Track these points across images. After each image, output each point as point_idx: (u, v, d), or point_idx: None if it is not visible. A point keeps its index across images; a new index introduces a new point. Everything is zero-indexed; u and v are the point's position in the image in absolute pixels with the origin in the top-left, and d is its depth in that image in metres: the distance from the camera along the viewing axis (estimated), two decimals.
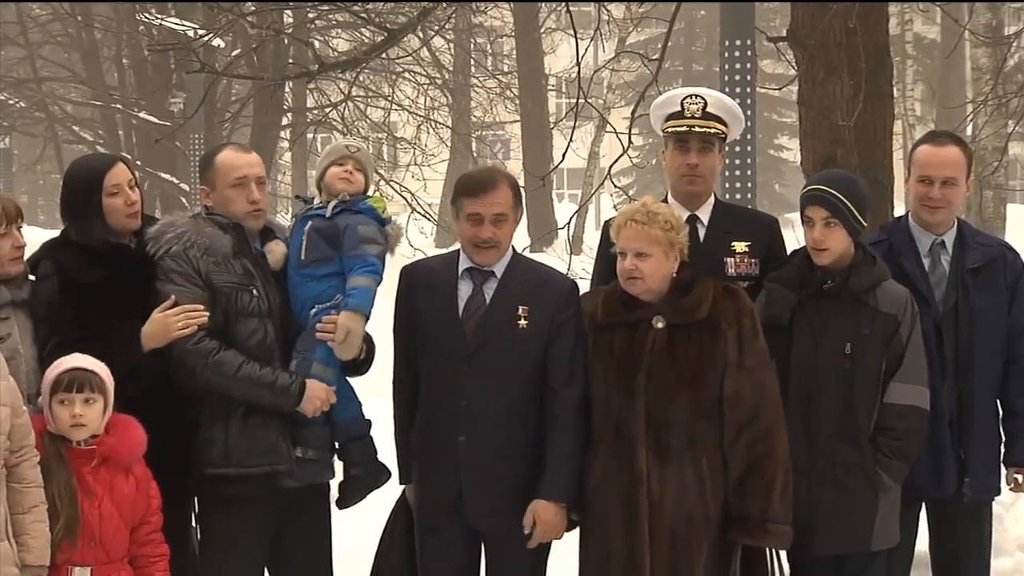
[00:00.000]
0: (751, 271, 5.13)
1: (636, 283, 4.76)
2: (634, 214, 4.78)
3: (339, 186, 4.98)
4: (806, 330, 4.93)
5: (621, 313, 4.80)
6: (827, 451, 4.89)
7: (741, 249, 5.15)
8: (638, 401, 4.67)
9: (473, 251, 4.81)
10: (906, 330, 4.95)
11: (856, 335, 4.91)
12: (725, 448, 4.71)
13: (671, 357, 4.70)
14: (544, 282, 4.83)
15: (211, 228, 4.79)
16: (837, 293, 4.95)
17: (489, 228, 4.76)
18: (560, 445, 4.67)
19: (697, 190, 5.16)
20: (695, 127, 5.14)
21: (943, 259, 5.30)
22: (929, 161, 5.28)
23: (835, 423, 4.90)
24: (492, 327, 4.74)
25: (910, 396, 4.92)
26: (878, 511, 4.95)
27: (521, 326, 4.74)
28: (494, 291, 4.80)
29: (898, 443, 4.92)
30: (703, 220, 5.21)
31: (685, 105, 5.18)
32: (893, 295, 4.99)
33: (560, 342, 4.73)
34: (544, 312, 4.75)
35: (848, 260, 4.99)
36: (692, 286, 4.79)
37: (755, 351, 4.74)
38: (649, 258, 4.75)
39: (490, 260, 4.81)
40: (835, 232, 4.94)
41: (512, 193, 4.81)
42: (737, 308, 4.76)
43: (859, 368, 4.90)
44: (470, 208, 4.77)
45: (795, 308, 4.94)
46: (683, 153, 5.16)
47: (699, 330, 4.73)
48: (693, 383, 4.69)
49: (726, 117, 5.19)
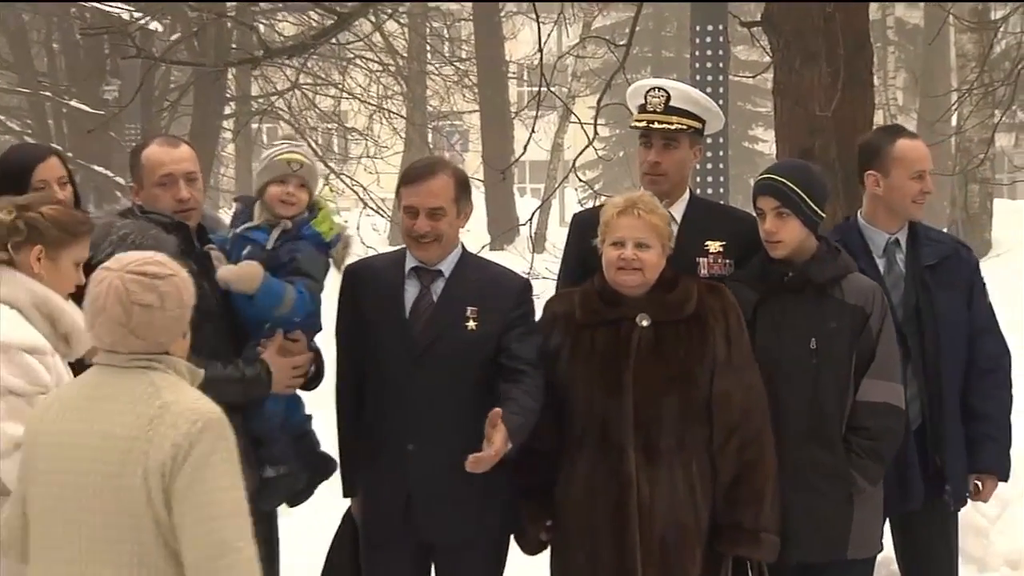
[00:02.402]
0: (725, 272, 5.16)
1: (634, 275, 4.78)
2: (637, 202, 4.82)
3: (280, 211, 4.97)
4: (769, 326, 4.96)
5: (602, 311, 4.82)
6: (796, 453, 4.92)
7: (715, 249, 5.18)
8: (626, 400, 4.69)
9: (412, 246, 4.82)
10: (876, 323, 4.99)
11: (822, 329, 4.94)
12: (714, 452, 4.75)
13: (658, 355, 4.73)
14: (494, 281, 4.85)
15: (155, 229, 4.76)
16: (799, 286, 4.98)
17: (425, 222, 4.77)
18: (522, 397, 4.61)
19: (660, 189, 5.18)
20: (655, 123, 5.15)
21: (898, 258, 5.36)
22: (920, 155, 5.35)
23: (804, 423, 4.93)
24: (439, 329, 4.75)
25: (884, 393, 4.96)
26: (854, 516, 4.97)
27: (470, 327, 4.76)
28: (441, 291, 4.81)
29: (872, 443, 4.95)
30: (676, 218, 5.23)
31: (648, 99, 5.21)
32: (860, 287, 5.03)
33: (514, 334, 4.74)
34: (494, 313, 4.77)
35: (809, 253, 5.02)
36: (675, 283, 4.83)
37: (742, 350, 4.80)
38: (650, 249, 4.78)
39: (431, 257, 4.82)
40: (788, 223, 4.97)
41: (454, 184, 4.80)
42: (723, 304, 4.81)
43: (826, 364, 4.93)
44: (406, 199, 4.80)
45: (757, 305, 4.97)
46: (646, 149, 5.20)
47: (686, 327, 4.77)
48: (683, 382, 4.72)
49: (695, 110, 5.21)
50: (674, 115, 5.19)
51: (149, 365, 3.61)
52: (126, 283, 3.58)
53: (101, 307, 3.58)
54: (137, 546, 3.52)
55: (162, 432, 3.50)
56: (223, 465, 3.52)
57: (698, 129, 5.25)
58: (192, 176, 4.93)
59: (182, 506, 3.48)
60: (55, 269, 4.22)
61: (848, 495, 4.96)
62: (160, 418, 3.52)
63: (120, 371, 3.61)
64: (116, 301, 3.57)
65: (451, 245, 4.85)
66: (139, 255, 3.69)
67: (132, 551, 3.52)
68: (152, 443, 3.50)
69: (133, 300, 3.56)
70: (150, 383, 3.58)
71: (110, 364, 3.63)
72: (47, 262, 4.21)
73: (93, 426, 3.58)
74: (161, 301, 3.59)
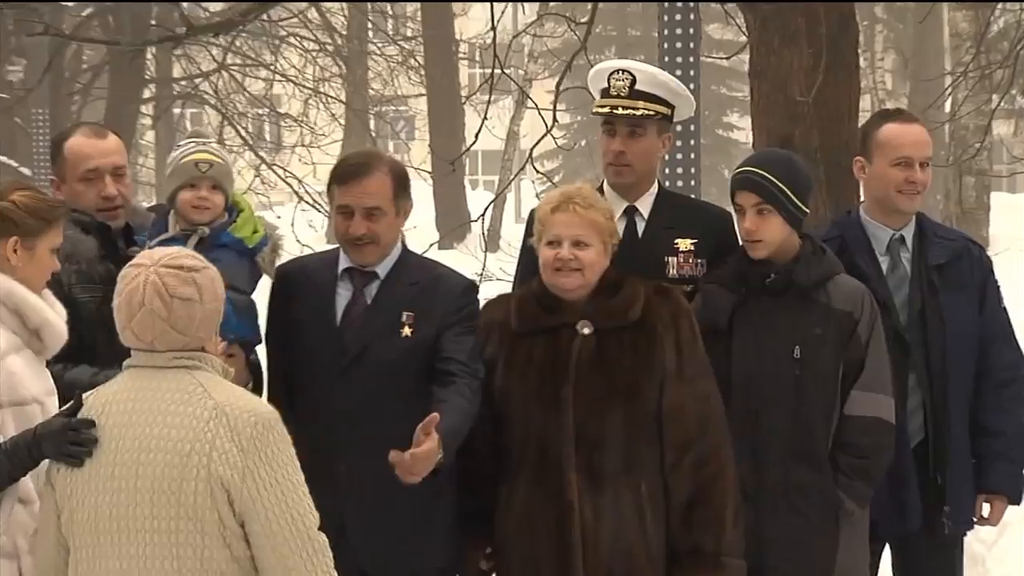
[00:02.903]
0: (696, 273, 5.17)
1: (572, 276, 4.77)
2: (573, 196, 4.81)
3: (193, 217, 4.95)
4: (748, 333, 4.97)
5: (540, 318, 4.81)
6: (778, 473, 4.93)
7: (686, 247, 5.19)
8: (565, 417, 4.69)
9: (347, 248, 4.82)
10: (865, 330, 5.00)
11: (807, 336, 4.95)
12: (666, 471, 4.75)
13: (601, 367, 4.73)
14: (434, 283, 4.85)
15: (72, 229, 4.73)
16: (782, 290, 4.99)
17: (361, 223, 4.76)
18: (452, 398, 4.59)
19: (625, 181, 5.20)
20: (618, 108, 5.17)
21: (903, 257, 5.36)
22: (905, 140, 5.32)
23: (786, 440, 4.94)
24: (371, 336, 4.75)
25: (874, 407, 4.97)
26: (841, 541, 4.99)
27: (404, 334, 4.76)
28: (374, 295, 4.81)
29: (861, 461, 4.97)
30: (643, 212, 5.25)
31: (611, 82, 5.22)
32: (848, 290, 5.04)
33: (449, 334, 4.73)
34: (432, 317, 4.77)
35: (793, 253, 5.03)
36: (620, 286, 4.82)
37: (695, 358, 4.79)
38: (589, 248, 4.77)
39: (368, 259, 4.82)
40: (769, 220, 4.98)
41: (392, 182, 4.80)
42: (673, 310, 4.81)
43: (812, 375, 4.94)
44: (340, 199, 4.79)
45: (735, 310, 4.99)
46: (609, 138, 5.21)
47: (632, 335, 4.76)
48: (629, 395, 4.72)
49: (663, 95, 5.23)
50: (640, 100, 5.20)
51: (192, 364, 3.84)
52: (163, 277, 3.80)
53: (139, 303, 3.79)
54: (201, 550, 3.76)
55: (223, 435, 3.74)
56: (292, 463, 3.81)
57: (666, 115, 5.26)
58: (120, 171, 4.91)
59: (264, 512, 3.75)
60: (32, 259, 4.28)
61: (835, 518, 4.97)
62: (217, 420, 3.76)
63: (160, 372, 3.83)
64: (156, 295, 3.78)
65: (389, 246, 4.84)
66: (167, 250, 3.93)
67: (195, 556, 3.75)
68: (214, 447, 3.74)
69: (172, 294, 3.80)
70: (196, 382, 3.81)
71: (150, 365, 3.84)
72: (23, 252, 4.26)
73: (145, 430, 3.79)
74: (200, 294, 3.83)
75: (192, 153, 4.99)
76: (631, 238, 5.16)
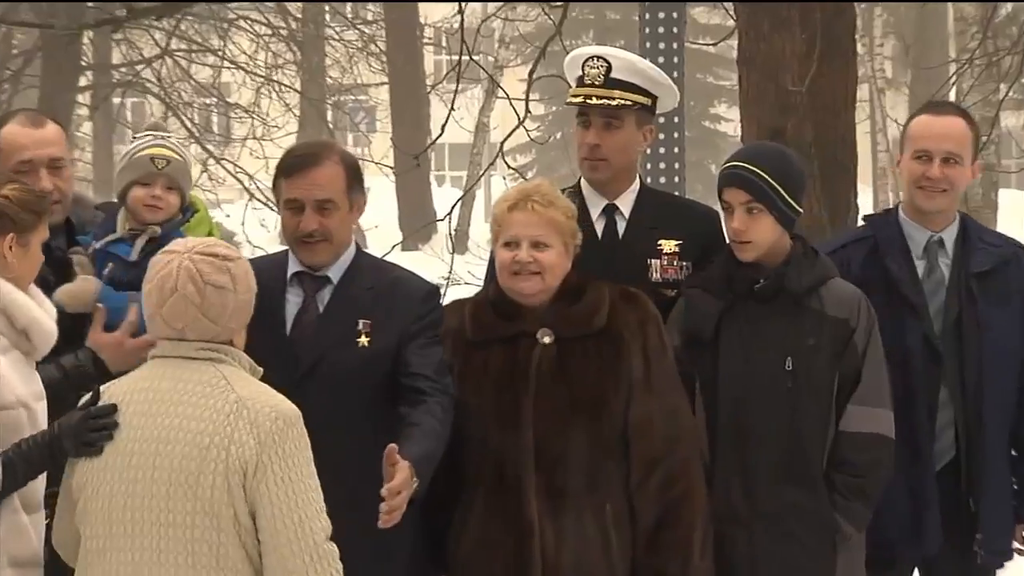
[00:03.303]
0: (680, 277, 5.18)
1: (532, 280, 4.78)
2: (532, 193, 4.82)
3: (145, 216, 4.95)
4: (735, 343, 4.98)
5: (497, 326, 4.82)
6: (770, 494, 4.94)
7: (670, 249, 5.20)
8: (524, 433, 4.70)
9: (297, 248, 4.81)
10: (862, 338, 5.01)
11: (799, 346, 4.96)
12: (632, 490, 4.76)
13: (564, 378, 4.74)
14: (393, 288, 4.84)
15: None
16: (772, 295, 5.00)
17: (312, 217, 4.75)
18: (424, 419, 4.59)
19: (600, 176, 5.20)
20: (593, 98, 5.17)
21: (941, 261, 5.32)
22: (926, 132, 5.32)
23: (778, 458, 4.95)
24: (325, 346, 4.75)
25: (872, 422, 4.98)
26: (838, 567, 5.00)
27: (361, 344, 4.75)
28: (327, 301, 4.81)
29: (859, 480, 4.98)
30: (623, 211, 5.26)
31: (585, 70, 5.23)
32: (842, 295, 5.04)
33: (413, 346, 4.73)
34: (391, 325, 4.76)
35: (783, 255, 5.03)
36: (583, 290, 4.83)
37: (664, 369, 4.82)
38: (549, 250, 4.78)
39: (320, 260, 4.81)
40: (759, 220, 4.99)
41: (345, 173, 4.80)
42: (640, 317, 4.82)
43: (804, 388, 4.95)
44: (288, 192, 4.79)
45: (721, 317, 4.99)
46: (584, 130, 5.22)
47: (596, 344, 4.78)
48: (593, 409, 4.73)
49: (642, 84, 5.22)
50: (616, 89, 5.20)
51: (217, 356, 4.01)
52: (197, 264, 3.98)
53: (172, 288, 3.97)
54: (216, 547, 3.91)
55: (242, 429, 3.91)
56: (307, 466, 3.98)
57: (646, 106, 5.26)
58: (58, 163, 4.91)
59: (270, 508, 3.91)
60: (26, 256, 4.35)
61: (831, 543, 4.98)
62: (238, 414, 3.93)
63: (185, 363, 4.01)
64: (189, 280, 3.96)
65: (342, 245, 4.83)
66: (201, 239, 4.14)
67: (210, 552, 3.91)
68: (233, 440, 3.90)
69: (207, 280, 3.98)
70: (220, 375, 3.99)
71: (175, 355, 4.01)
72: (18, 249, 4.32)
73: (164, 420, 3.96)
74: (234, 283, 4.02)
75: (148, 147, 4.99)
76: (611, 239, 5.18)
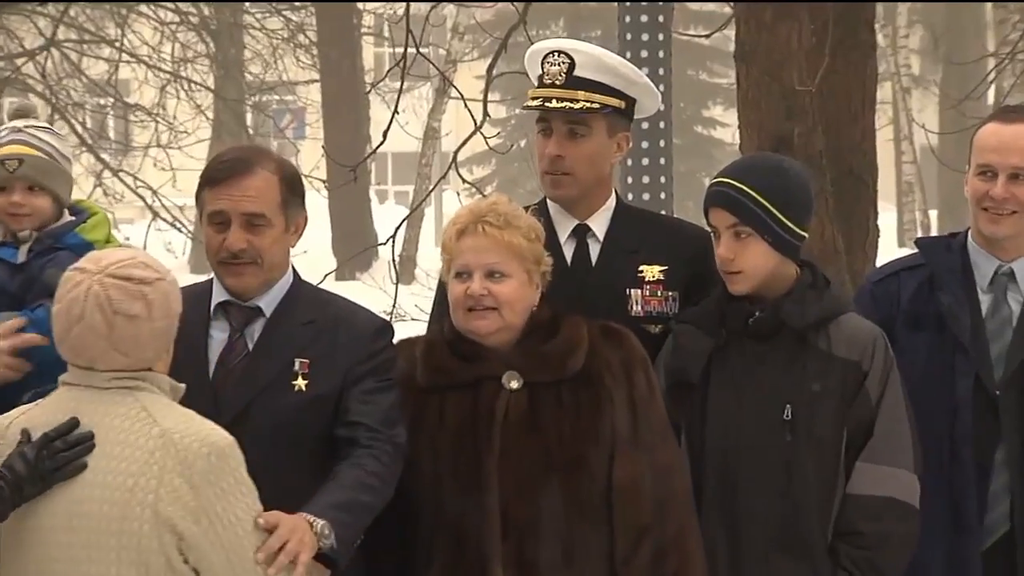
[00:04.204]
0: (665, 309, 5.21)
1: (487, 318, 4.78)
2: (484, 213, 4.81)
3: (11, 225, 5.02)
4: (726, 387, 5.00)
5: (455, 370, 4.83)
6: (762, 567, 4.96)
7: (653, 277, 5.21)
8: (488, 498, 4.71)
9: (221, 271, 4.81)
10: (876, 384, 5.03)
11: (800, 393, 4.98)
12: (617, 565, 4.76)
13: (534, 431, 4.75)
14: (336, 323, 4.84)
15: None
16: (770, 332, 5.01)
17: (240, 235, 4.75)
18: (352, 475, 4.60)
19: (564, 194, 5.21)
20: (554, 100, 5.19)
21: (1011, 297, 5.32)
22: (991, 143, 5.29)
23: (774, 526, 4.97)
24: (255, 390, 4.75)
25: (885, 483, 5.00)
26: None
27: (297, 388, 4.76)
28: (259, 337, 4.82)
29: (867, 553, 4.99)
30: (596, 233, 5.28)
31: (545, 67, 5.24)
32: (854, 333, 5.06)
33: (356, 392, 4.74)
34: (334, 366, 4.76)
35: (785, 286, 5.06)
36: (557, 326, 4.85)
37: (654, 420, 4.83)
38: (507, 280, 4.78)
39: (248, 286, 4.81)
40: (749, 246, 5.00)
41: (281, 184, 4.79)
42: (625, 358, 4.84)
43: (806, 441, 4.97)
44: (212, 204, 4.78)
45: (711, 357, 5.02)
46: (544, 138, 5.23)
47: (572, 390, 4.79)
48: (569, 468, 4.74)
49: (613, 83, 5.24)
50: (580, 89, 5.20)
51: (134, 385, 4.11)
52: (107, 289, 4.05)
53: (78, 316, 4.04)
54: None
55: (170, 467, 4.01)
56: (244, 499, 4.10)
57: (619, 109, 5.27)
58: None
59: (210, 554, 4.03)
60: None
61: None
62: (164, 450, 4.02)
63: (99, 392, 4.10)
64: (97, 309, 4.03)
65: (277, 270, 4.84)
66: (119, 254, 4.17)
67: None
68: (162, 482, 3.99)
69: (116, 309, 4.04)
70: (139, 407, 4.08)
71: (88, 384, 4.10)
72: None
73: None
74: (149, 311, 4.09)
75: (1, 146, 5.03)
76: (582, 266, 5.21)
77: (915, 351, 5.29)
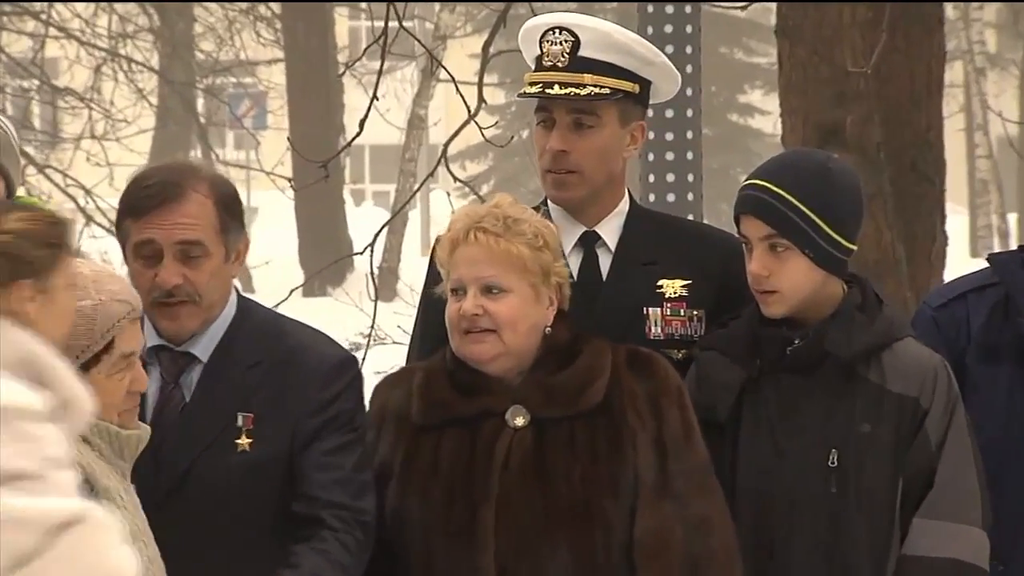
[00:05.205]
0: (689, 331, 5.24)
1: (485, 341, 4.81)
2: (482, 218, 4.83)
3: None
4: (761, 429, 5.04)
5: (453, 403, 4.86)
6: None
7: (674, 292, 5.24)
8: (483, 556, 4.74)
9: (154, 311, 4.82)
10: (938, 424, 5.05)
11: (848, 435, 5.01)
12: None
13: (540, 476, 4.78)
14: (286, 362, 4.87)
15: None
16: (812, 363, 5.04)
17: (174, 268, 4.79)
18: (309, 561, 4.66)
19: (570, 195, 5.24)
20: (556, 85, 5.22)
21: None
22: None
23: None
24: (193, 451, 4.79)
25: (949, 543, 5.02)
26: None
27: (241, 447, 4.79)
28: (195, 387, 4.85)
29: None
30: (607, 242, 5.31)
31: (544, 47, 5.25)
32: (912, 364, 5.08)
33: (313, 455, 4.76)
34: (284, 418, 4.80)
35: (830, 308, 5.07)
36: (575, 351, 4.87)
37: (688, 464, 4.85)
38: (506, 296, 4.81)
39: (184, 329, 4.85)
40: (787, 261, 5.01)
41: (216, 207, 4.83)
42: (654, 389, 4.86)
43: (855, 494, 5.00)
44: (139, 234, 4.81)
45: (742, 391, 5.04)
46: (545, 131, 5.24)
47: (588, 428, 4.81)
48: (581, 521, 4.77)
49: (625, 63, 5.26)
50: (587, 72, 5.22)
51: None
52: None
53: None
54: None
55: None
56: None
57: (632, 94, 5.29)
58: None
59: None
60: (50, 303, 4.39)
61: None
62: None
63: None
64: None
65: (216, 307, 4.88)
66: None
67: None
68: None
69: None
70: None
71: None
72: (41, 297, 4.38)
73: None
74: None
75: None
76: (591, 280, 5.24)
77: (992, 387, 5.32)
